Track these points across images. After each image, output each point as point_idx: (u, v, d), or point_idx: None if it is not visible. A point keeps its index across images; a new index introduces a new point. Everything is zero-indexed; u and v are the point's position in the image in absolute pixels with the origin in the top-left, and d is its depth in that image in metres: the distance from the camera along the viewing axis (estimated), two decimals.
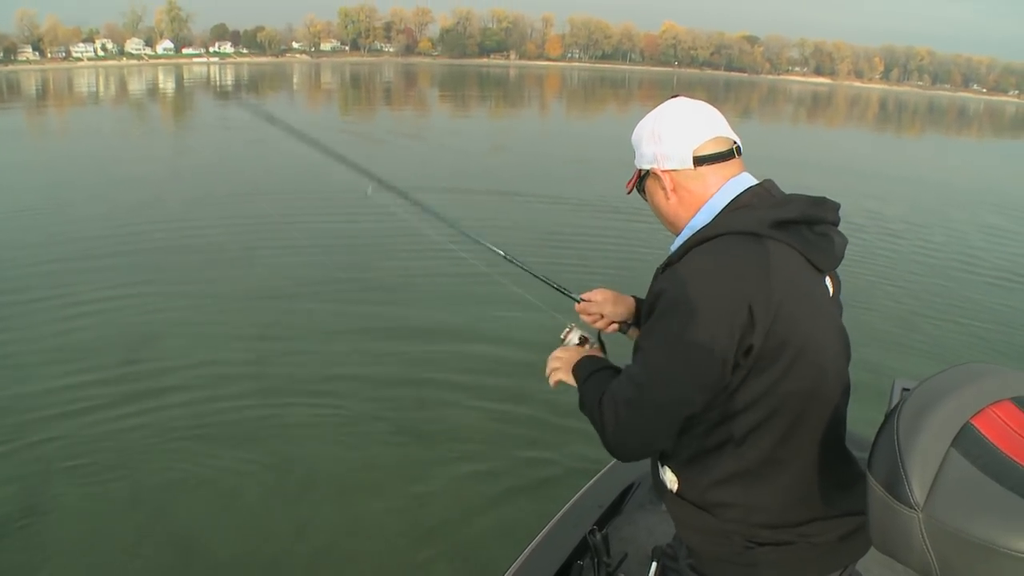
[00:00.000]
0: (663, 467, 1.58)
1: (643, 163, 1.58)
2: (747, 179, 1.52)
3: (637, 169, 1.61)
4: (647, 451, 1.55)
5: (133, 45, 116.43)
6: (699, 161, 1.50)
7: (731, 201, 1.48)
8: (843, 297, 1.57)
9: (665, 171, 1.53)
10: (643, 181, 1.61)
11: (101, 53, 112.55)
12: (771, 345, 1.34)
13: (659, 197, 1.58)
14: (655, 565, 1.81)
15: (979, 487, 0.91)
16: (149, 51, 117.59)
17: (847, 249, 1.53)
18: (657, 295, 1.42)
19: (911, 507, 0.94)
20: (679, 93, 1.63)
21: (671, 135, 1.52)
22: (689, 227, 1.52)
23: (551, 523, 2.61)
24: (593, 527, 2.27)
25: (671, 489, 1.56)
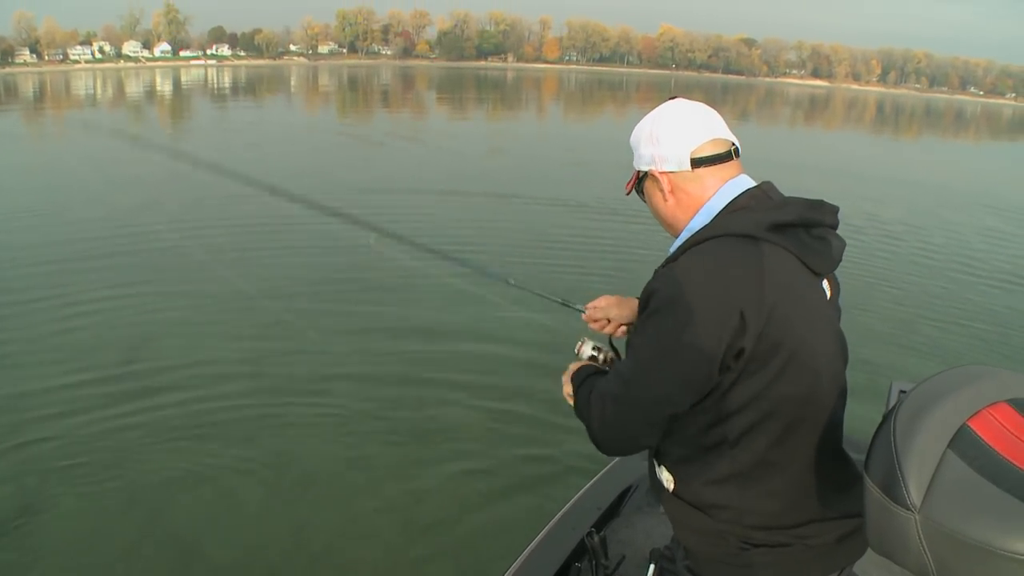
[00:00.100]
0: (660, 466, 1.58)
1: (641, 165, 1.58)
2: (745, 181, 1.52)
3: (636, 171, 1.61)
4: (632, 447, 1.56)
5: (130, 48, 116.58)
6: (697, 163, 1.50)
7: (729, 203, 1.48)
8: (841, 299, 1.57)
9: (663, 173, 1.53)
10: (642, 183, 1.62)
11: (98, 56, 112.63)
12: (763, 348, 1.34)
13: (657, 199, 1.58)
14: (653, 567, 1.81)
15: (976, 489, 0.92)
16: (146, 54, 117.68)
17: (845, 252, 1.53)
18: (650, 294, 1.42)
19: (908, 509, 0.94)
20: (677, 95, 1.63)
21: (669, 137, 1.52)
22: (687, 229, 1.52)
23: (549, 525, 2.61)
24: (591, 529, 2.27)
25: (667, 488, 1.56)
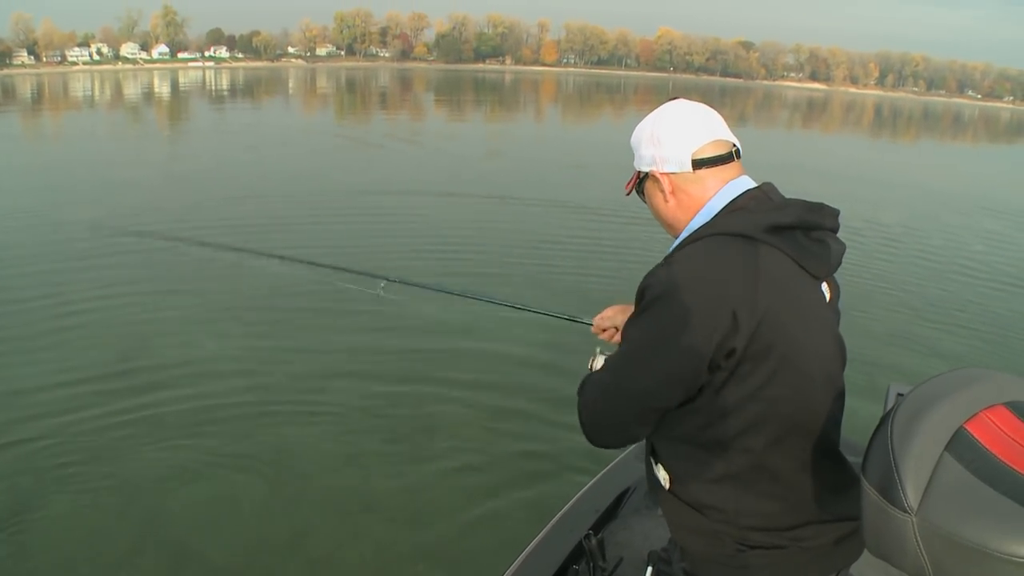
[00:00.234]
0: (657, 464, 1.58)
1: (642, 165, 1.58)
2: (746, 182, 1.52)
3: (636, 171, 1.61)
4: (620, 439, 1.57)
5: (128, 49, 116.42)
6: (698, 164, 1.50)
7: (728, 204, 1.48)
8: (840, 302, 1.57)
9: (664, 174, 1.53)
10: (642, 183, 1.62)
11: (96, 57, 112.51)
12: (756, 349, 1.34)
13: (658, 199, 1.58)
14: (650, 569, 1.81)
15: (973, 491, 0.92)
16: (144, 55, 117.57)
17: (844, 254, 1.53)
18: (644, 290, 1.43)
19: (905, 511, 0.94)
20: (678, 96, 1.63)
21: (670, 138, 1.52)
22: (687, 229, 1.52)
23: (547, 527, 2.61)
24: (589, 532, 2.27)
25: (664, 487, 1.56)
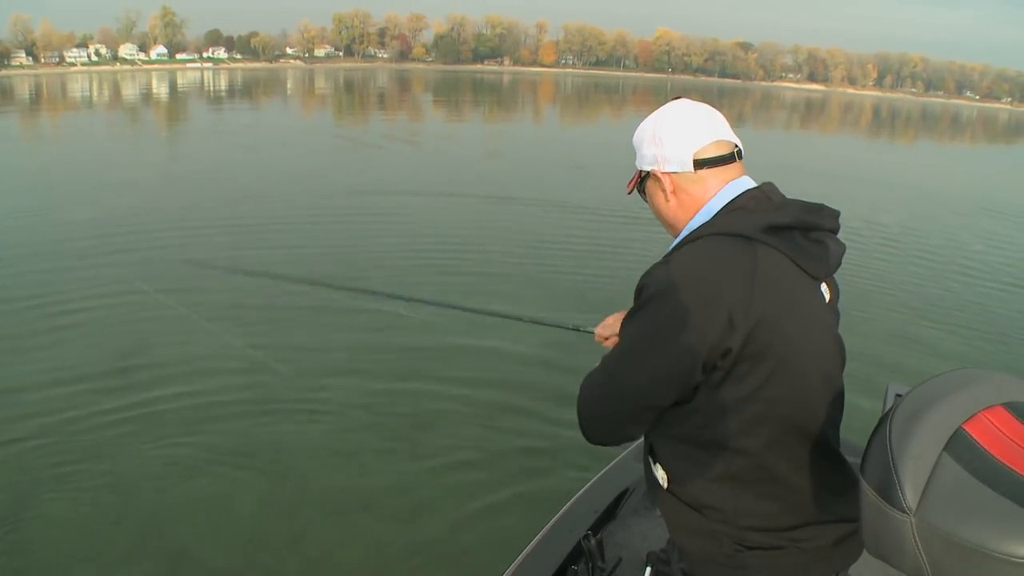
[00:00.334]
0: (655, 463, 1.58)
1: (644, 164, 1.59)
2: (746, 182, 1.52)
3: (638, 170, 1.62)
4: (614, 437, 1.58)
5: (127, 50, 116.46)
6: (699, 164, 1.50)
7: (727, 203, 1.48)
8: (840, 303, 1.57)
9: (665, 173, 1.54)
10: (644, 182, 1.62)
11: (95, 58, 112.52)
12: (752, 350, 1.34)
13: (659, 199, 1.58)
14: (649, 570, 1.81)
15: (971, 491, 0.92)
16: (143, 56, 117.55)
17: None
18: (640, 288, 1.44)
19: (903, 511, 0.94)
20: (680, 95, 1.63)
21: (672, 137, 1.52)
22: (687, 229, 1.52)
23: (545, 528, 2.61)
24: (587, 532, 2.27)
25: (662, 486, 1.56)
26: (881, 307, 8.22)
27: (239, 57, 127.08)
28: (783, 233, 1.41)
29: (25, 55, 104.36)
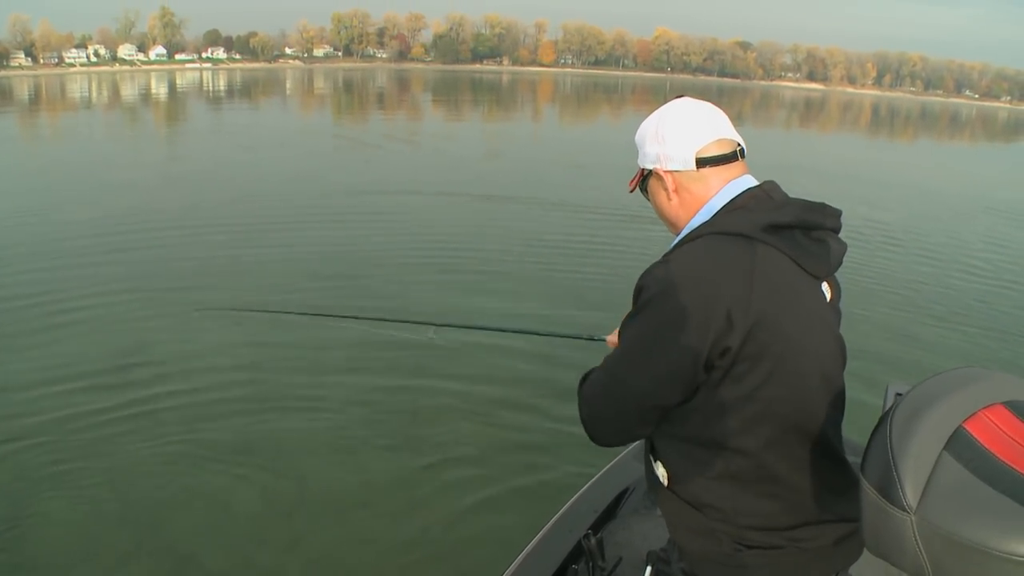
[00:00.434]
0: (656, 461, 1.58)
1: (646, 163, 1.59)
2: (748, 181, 1.52)
3: (640, 168, 1.62)
4: (619, 437, 1.58)
5: (126, 51, 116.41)
6: (702, 163, 1.50)
7: (728, 202, 1.48)
8: (841, 302, 1.56)
9: (668, 172, 1.54)
10: (646, 181, 1.62)
11: (94, 59, 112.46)
12: (751, 349, 1.34)
13: (661, 197, 1.58)
14: (649, 569, 1.81)
15: (971, 490, 0.92)
16: (142, 57, 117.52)
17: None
18: (639, 289, 1.44)
19: (904, 510, 0.94)
20: (683, 94, 1.62)
21: (674, 136, 1.52)
22: (687, 227, 1.53)
23: (546, 528, 2.61)
24: (588, 531, 2.27)
25: (663, 484, 1.56)
26: (881, 305, 8.22)
27: (238, 57, 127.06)
28: (783, 232, 1.41)
29: (24, 56, 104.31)
